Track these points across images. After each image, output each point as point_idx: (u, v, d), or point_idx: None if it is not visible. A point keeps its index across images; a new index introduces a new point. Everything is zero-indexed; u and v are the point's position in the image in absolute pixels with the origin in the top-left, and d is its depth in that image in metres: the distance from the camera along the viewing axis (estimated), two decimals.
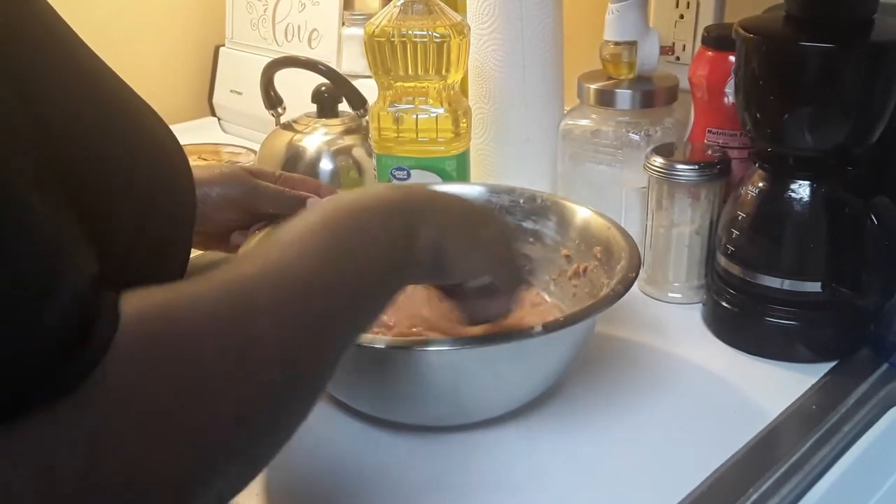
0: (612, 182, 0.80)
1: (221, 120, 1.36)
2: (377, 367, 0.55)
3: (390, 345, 0.53)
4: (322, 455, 0.57)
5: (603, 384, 0.64)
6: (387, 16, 0.76)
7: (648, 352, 0.68)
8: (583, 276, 0.68)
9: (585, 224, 0.68)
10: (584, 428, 0.59)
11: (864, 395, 0.62)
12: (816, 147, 0.64)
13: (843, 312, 0.65)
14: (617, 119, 0.79)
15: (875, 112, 0.62)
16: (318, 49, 1.20)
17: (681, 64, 0.90)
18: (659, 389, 0.63)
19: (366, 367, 0.55)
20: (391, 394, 0.57)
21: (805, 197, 0.64)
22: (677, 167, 0.71)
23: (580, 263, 0.68)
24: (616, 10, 0.79)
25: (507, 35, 0.82)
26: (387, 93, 0.78)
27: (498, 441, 0.58)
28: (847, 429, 0.59)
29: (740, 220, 0.67)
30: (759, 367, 0.66)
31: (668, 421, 0.60)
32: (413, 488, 0.54)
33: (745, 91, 0.65)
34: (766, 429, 0.58)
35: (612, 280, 0.60)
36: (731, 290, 0.69)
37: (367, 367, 0.55)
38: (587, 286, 0.67)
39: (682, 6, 0.90)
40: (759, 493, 0.53)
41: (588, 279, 0.67)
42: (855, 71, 0.60)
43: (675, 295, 0.75)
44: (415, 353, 0.53)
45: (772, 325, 0.66)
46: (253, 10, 1.28)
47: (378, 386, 0.56)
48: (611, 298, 0.56)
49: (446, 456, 0.56)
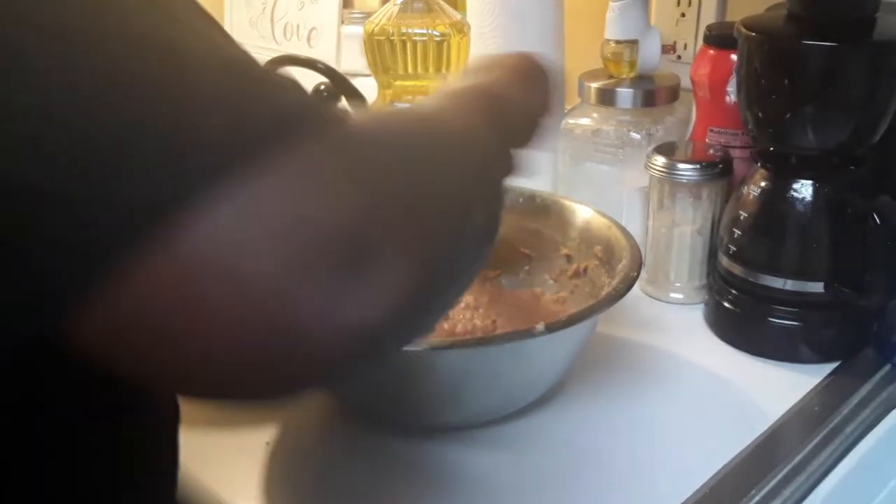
0: (613, 181, 0.79)
1: None
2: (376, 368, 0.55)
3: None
4: (321, 456, 0.57)
5: (604, 385, 0.63)
6: (386, 14, 0.75)
7: (650, 352, 0.68)
8: (583, 276, 0.67)
9: (586, 223, 0.68)
10: (586, 429, 0.59)
11: (868, 396, 0.62)
12: (819, 146, 0.63)
13: (845, 313, 0.65)
14: (618, 118, 0.79)
15: (877, 111, 0.62)
16: (317, 48, 1.20)
17: (682, 63, 0.90)
18: (660, 390, 0.63)
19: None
20: (390, 394, 0.56)
21: (807, 196, 0.64)
22: (679, 166, 0.70)
23: (580, 263, 0.68)
24: (617, 9, 0.78)
25: (508, 34, 0.81)
26: (386, 91, 0.78)
27: (498, 441, 0.57)
28: (850, 430, 0.59)
29: (742, 219, 0.67)
30: (762, 368, 0.66)
31: (669, 422, 0.60)
32: (411, 490, 0.54)
33: (747, 90, 0.65)
34: (769, 430, 0.58)
35: (614, 279, 0.59)
36: (733, 290, 0.68)
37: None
38: (588, 285, 0.66)
39: (683, 5, 0.90)
40: (761, 494, 0.52)
41: (589, 278, 0.67)
42: (857, 69, 0.60)
43: (677, 295, 0.75)
44: (415, 354, 0.52)
45: (774, 326, 0.66)
46: (251, 9, 1.28)
47: (377, 386, 0.56)
48: (613, 297, 0.56)
49: (446, 456, 0.56)
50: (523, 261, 0.71)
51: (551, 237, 0.71)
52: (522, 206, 0.72)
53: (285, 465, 0.56)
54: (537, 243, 0.71)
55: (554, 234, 0.70)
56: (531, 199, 0.72)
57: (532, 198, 0.72)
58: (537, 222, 0.71)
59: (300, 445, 0.58)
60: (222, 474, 0.55)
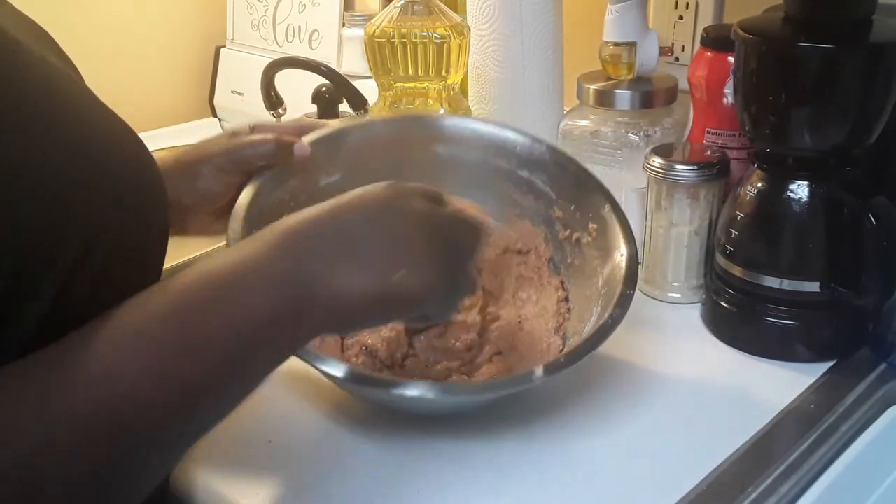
0: (611, 182, 0.79)
1: (222, 121, 1.36)
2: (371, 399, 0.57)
3: (387, 384, 0.53)
4: (324, 454, 0.57)
5: (601, 383, 0.64)
6: (387, 17, 0.76)
7: (647, 351, 0.68)
8: (575, 247, 0.67)
9: (579, 183, 0.67)
10: (582, 427, 0.59)
11: (863, 395, 0.62)
12: (815, 147, 0.64)
13: (841, 312, 0.66)
14: (616, 119, 0.79)
15: (873, 112, 0.62)
16: (318, 50, 1.20)
17: (680, 65, 0.90)
18: (657, 388, 0.64)
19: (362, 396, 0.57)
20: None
21: (804, 197, 0.65)
22: (676, 167, 0.71)
23: (573, 232, 0.67)
24: (615, 11, 0.79)
25: (507, 36, 0.82)
26: (387, 93, 0.79)
27: (499, 441, 0.58)
28: (845, 428, 0.59)
29: (739, 220, 0.67)
30: (758, 367, 0.66)
31: (666, 420, 0.60)
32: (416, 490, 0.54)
33: (744, 91, 0.65)
34: (765, 428, 0.59)
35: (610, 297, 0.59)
36: (729, 289, 0.69)
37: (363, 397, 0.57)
38: (579, 257, 0.66)
39: (681, 7, 0.90)
40: (757, 491, 0.53)
41: (581, 252, 0.66)
42: (853, 71, 0.60)
43: (675, 295, 0.76)
44: (407, 399, 0.52)
45: (770, 325, 0.67)
46: (254, 11, 1.29)
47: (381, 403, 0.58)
48: (609, 326, 0.56)
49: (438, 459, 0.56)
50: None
51: (542, 191, 0.69)
52: (518, 153, 0.69)
53: (288, 463, 0.56)
54: (529, 194, 0.70)
55: (544, 188, 0.69)
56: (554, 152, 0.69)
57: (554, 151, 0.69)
58: (532, 174, 0.70)
59: (303, 443, 0.58)
60: (225, 472, 0.55)
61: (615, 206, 0.65)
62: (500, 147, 0.70)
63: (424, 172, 0.66)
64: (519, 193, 0.70)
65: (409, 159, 0.68)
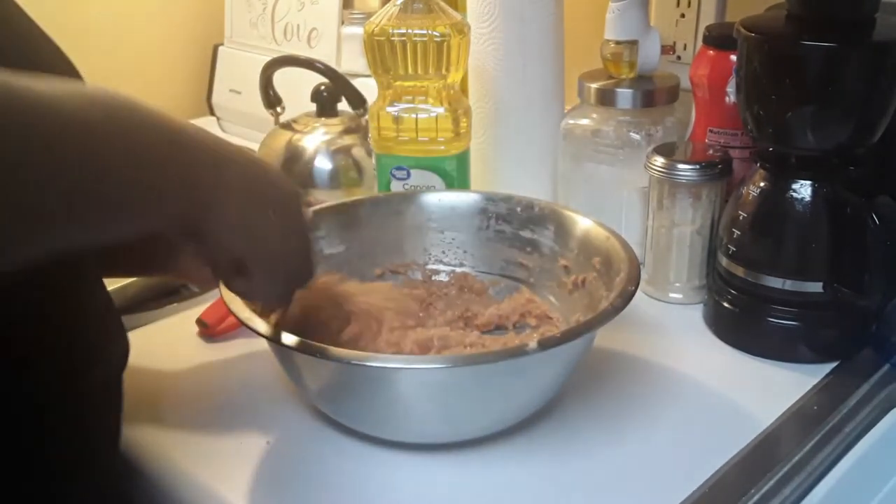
0: (612, 182, 0.79)
1: (220, 119, 1.35)
2: (364, 384, 0.53)
3: (377, 361, 0.52)
4: (322, 456, 0.57)
5: (604, 385, 0.63)
6: (386, 15, 0.75)
7: (649, 352, 0.68)
8: (581, 288, 0.66)
9: (585, 234, 0.67)
10: (585, 428, 0.59)
11: (866, 396, 0.62)
12: (818, 146, 0.64)
13: (844, 313, 0.65)
14: (618, 118, 0.79)
15: (877, 111, 0.62)
16: (317, 48, 1.20)
17: (682, 63, 0.90)
18: (659, 390, 0.63)
19: (352, 382, 0.54)
20: (378, 411, 0.55)
21: (807, 197, 0.64)
22: (678, 167, 0.71)
23: (579, 275, 0.66)
24: (617, 9, 0.78)
25: (508, 34, 0.81)
26: (386, 92, 0.78)
27: (492, 439, 0.57)
28: (849, 429, 0.59)
29: (741, 219, 0.67)
30: (761, 368, 0.66)
31: (668, 421, 0.60)
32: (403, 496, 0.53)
33: (747, 90, 0.65)
34: (768, 429, 0.58)
35: (612, 293, 0.58)
36: (732, 290, 0.68)
37: (354, 382, 0.54)
38: (586, 298, 0.65)
39: (683, 5, 0.90)
40: (760, 493, 0.53)
41: (587, 291, 0.65)
42: (857, 70, 0.60)
43: (676, 295, 0.75)
44: (402, 372, 0.51)
45: (773, 326, 0.66)
46: (252, 9, 1.28)
47: (365, 402, 0.54)
48: (609, 313, 0.55)
49: (436, 474, 0.55)
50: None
51: (549, 247, 0.70)
52: (520, 214, 0.71)
53: (286, 464, 0.56)
54: (535, 253, 0.71)
55: (552, 245, 0.70)
56: (529, 208, 0.71)
57: (529, 206, 0.71)
58: (535, 232, 0.70)
59: (301, 445, 0.58)
60: (223, 473, 0.55)
61: (616, 235, 0.64)
62: (500, 213, 0.72)
63: None
64: (525, 257, 0.72)
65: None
